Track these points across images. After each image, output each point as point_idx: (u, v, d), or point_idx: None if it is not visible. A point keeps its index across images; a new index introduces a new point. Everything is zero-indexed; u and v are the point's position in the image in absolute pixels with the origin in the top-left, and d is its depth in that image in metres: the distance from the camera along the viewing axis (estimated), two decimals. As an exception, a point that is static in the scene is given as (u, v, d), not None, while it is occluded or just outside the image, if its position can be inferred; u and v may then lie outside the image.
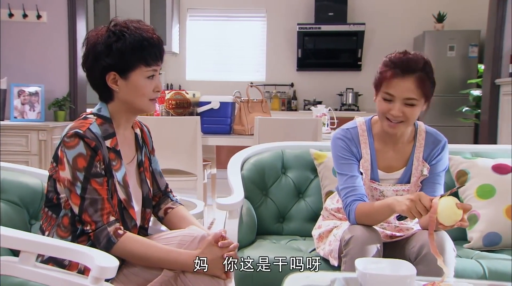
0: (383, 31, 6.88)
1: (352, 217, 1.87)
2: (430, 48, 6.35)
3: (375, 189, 1.96)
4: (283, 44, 7.02)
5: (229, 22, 7.18)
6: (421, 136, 1.99)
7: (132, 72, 1.58)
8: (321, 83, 7.03)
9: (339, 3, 6.75)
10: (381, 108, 1.88)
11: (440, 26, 6.47)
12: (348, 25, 6.69)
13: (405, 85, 1.80)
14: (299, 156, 2.58)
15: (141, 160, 1.73)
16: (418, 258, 1.77)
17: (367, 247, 1.77)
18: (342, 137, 1.99)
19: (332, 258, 1.93)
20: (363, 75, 6.97)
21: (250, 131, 3.87)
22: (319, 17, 6.77)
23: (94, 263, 1.30)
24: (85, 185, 1.50)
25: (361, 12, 6.88)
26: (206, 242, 1.53)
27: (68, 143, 1.51)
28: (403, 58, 1.82)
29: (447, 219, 1.57)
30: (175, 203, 1.82)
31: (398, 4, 6.84)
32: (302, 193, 2.54)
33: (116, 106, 1.63)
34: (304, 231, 2.48)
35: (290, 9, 6.97)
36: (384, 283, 1.52)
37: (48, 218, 1.59)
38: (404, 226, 1.99)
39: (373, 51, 6.94)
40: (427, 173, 1.94)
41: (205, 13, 7.21)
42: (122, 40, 1.55)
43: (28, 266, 1.35)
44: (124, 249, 1.49)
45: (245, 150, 2.63)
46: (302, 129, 3.59)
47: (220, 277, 1.54)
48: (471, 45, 6.35)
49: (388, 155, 1.98)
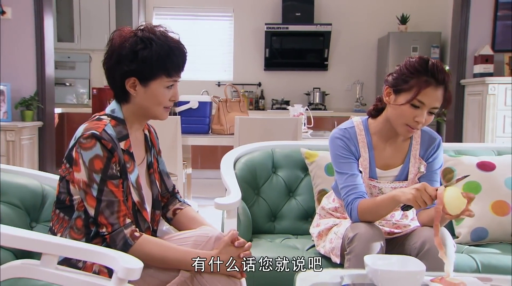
0: (349, 31, 7.01)
1: (355, 214, 1.91)
2: (394, 48, 6.51)
3: (373, 187, 2.01)
4: (251, 43, 7.05)
5: (196, 21, 7.15)
6: (417, 134, 2.05)
7: (153, 81, 1.57)
8: (288, 83, 7.10)
9: (306, 4, 6.83)
10: (404, 114, 1.87)
11: (403, 27, 6.65)
12: (315, 26, 6.78)
13: (436, 95, 1.84)
14: (289, 155, 2.61)
15: (150, 162, 1.72)
16: (420, 253, 1.82)
17: (371, 244, 1.81)
18: (341, 137, 2.03)
19: (334, 255, 1.97)
20: (329, 74, 7.09)
21: (229, 130, 3.88)
22: (286, 17, 6.83)
23: (119, 264, 1.29)
24: (102, 187, 1.48)
25: (327, 12, 6.99)
26: (223, 242, 1.54)
27: (84, 144, 1.49)
28: (437, 68, 1.83)
29: (454, 209, 1.62)
30: (183, 204, 1.82)
31: (363, 6, 6.98)
32: (293, 192, 2.58)
33: (131, 109, 1.63)
34: (295, 230, 2.52)
35: (258, 9, 7.00)
36: (395, 279, 1.56)
37: (59, 220, 1.57)
38: (402, 223, 2.05)
39: (339, 51, 7.06)
40: (424, 170, 2.00)
41: (171, 12, 7.16)
42: (149, 49, 1.54)
43: (50, 269, 1.33)
44: (141, 251, 1.48)
45: (236, 149, 2.64)
46: (282, 129, 3.63)
47: (236, 277, 1.55)
48: (433, 46, 6.54)
49: (386, 153, 2.03)
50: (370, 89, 7.07)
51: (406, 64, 1.89)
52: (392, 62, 6.50)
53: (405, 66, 1.89)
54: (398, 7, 6.80)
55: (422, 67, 1.85)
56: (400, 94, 1.89)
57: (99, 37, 6.95)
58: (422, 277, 1.57)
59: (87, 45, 7.01)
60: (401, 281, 1.57)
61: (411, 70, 1.86)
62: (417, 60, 1.87)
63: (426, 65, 1.84)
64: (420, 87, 1.83)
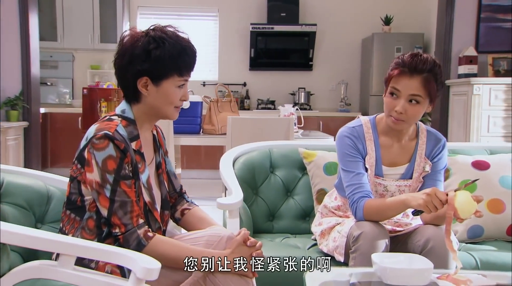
0: (334, 32, 7.06)
1: (360, 213, 1.93)
2: (379, 49, 6.58)
3: (379, 184, 2.04)
4: (236, 43, 7.05)
5: (181, 20, 7.12)
6: (423, 134, 2.09)
7: (165, 80, 1.58)
8: (273, 83, 7.12)
9: (291, 4, 6.86)
10: (386, 104, 1.97)
11: (387, 28, 6.73)
12: (300, 26, 6.81)
13: (411, 83, 1.90)
14: (286, 155, 2.63)
15: (159, 162, 1.73)
16: (424, 251, 1.85)
17: (376, 242, 1.84)
18: (349, 135, 2.06)
19: (337, 254, 1.99)
20: (314, 75, 7.14)
21: (221, 130, 3.88)
22: (271, 17, 6.85)
23: (138, 265, 1.29)
24: (115, 187, 1.48)
25: (312, 13, 7.03)
26: (236, 242, 1.55)
27: (97, 144, 1.49)
28: (413, 60, 1.91)
29: (466, 213, 1.65)
30: (191, 204, 1.83)
31: (347, 6, 7.04)
32: (291, 192, 2.59)
33: (141, 109, 1.63)
34: (294, 229, 2.54)
35: (243, 9, 7.01)
36: (404, 277, 1.59)
37: (70, 220, 1.56)
38: (403, 221, 2.08)
39: (323, 51, 7.11)
40: (429, 169, 2.04)
41: (156, 11, 7.12)
42: (161, 48, 1.55)
43: (68, 269, 1.33)
44: (155, 251, 1.48)
45: (233, 149, 2.65)
46: (274, 129, 3.65)
47: (248, 276, 1.56)
48: (416, 47, 6.62)
49: (393, 151, 2.07)
50: (355, 89, 7.14)
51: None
52: (376, 62, 6.58)
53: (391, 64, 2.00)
54: (382, 8, 6.88)
55: (401, 59, 1.95)
56: (386, 88, 2.00)
57: (83, 36, 6.88)
58: (430, 275, 1.60)
59: (70, 44, 6.93)
60: (409, 279, 1.59)
61: (392, 64, 1.98)
62: (400, 56, 1.97)
63: (404, 57, 1.94)
64: (393, 76, 1.94)
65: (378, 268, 1.63)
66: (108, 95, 3.67)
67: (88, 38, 6.91)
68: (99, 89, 3.99)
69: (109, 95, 3.67)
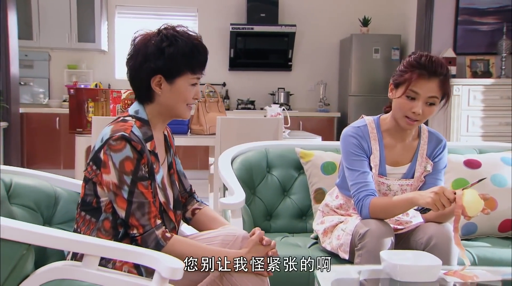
0: (312, 33, 7.13)
1: (366, 211, 1.97)
2: (357, 50, 6.67)
3: (382, 183, 2.08)
4: (215, 43, 7.04)
5: (160, 20, 7.02)
6: (425, 134, 2.15)
7: (178, 78, 1.59)
8: (253, 83, 7.15)
9: (271, 5, 6.89)
10: (402, 106, 1.99)
11: (365, 29, 6.83)
12: (279, 26, 6.85)
13: (430, 86, 1.95)
14: (283, 155, 2.65)
15: (170, 162, 1.73)
16: (427, 248, 1.90)
17: (382, 240, 1.88)
18: (354, 135, 2.09)
19: (342, 252, 2.02)
20: (293, 75, 7.19)
21: (209, 130, 3.89)
22: (251, 17, 6.87)
23: (164, 265, 1.30)
24: (133, 188, 1.48)
25: (291, 14, 7.08)
26: (252, 242, 1.57)
27: (114, 146, 1.48)
28: (431, 62, 1.95)
29: (473, 211, 1.71)
30: (201, 204, 1.84)
31: (326, 8, 7.12)
32: (287, 191, 2.62)
33: (155, 109, 1.63)
34: (291, 228, 2.57)
35: (222, 9, 7.01)
36: (414, 273, 1.64)
37: (86, 222, 1.55)
38: (403, 219, 2.13)
39: (302, 52, 7.17)
40: (430, 169, 2.09)
41: (134, 11, 7.07)
42: (174, 46, 1.56)
43: (92, 270, 1.33)
44: (173, 251, 1.49)
45: (231, 149, 2.66)
46: (263, 129, 3.67)
47: (263, 275, 1.58)
48: (393, 48, 6.75)
49: (396, 150, 2.11)
50: (333, 90, 7.22)
51: (405, 60, 2.04)
52: (355, 63, 6.67)
53: (404, 62, 2.03)
54: (360, 10, 6.97)
55: (416, 61, 1.98)
56: (398, 88, 2.02)
57: (60, 35, 6.76)
58: (438, 271, 1.65)
59: (47, 43, 6.79)
60: (419, 275, 1.64)
61: (406, 65, 2.00)
62: (413, 57, 2.01)
63: (420, 59, 1.98)
64: (412, 78, 1.96)
65: (388, 265, 1.67)
66: (95, 95, 3.63)
67: (65, 37, 6.79)
68: (86, 89, 3.94)
69: (96, 96, 3.63)
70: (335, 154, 2.56)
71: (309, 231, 2.53)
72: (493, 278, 1.76)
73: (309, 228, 2.55)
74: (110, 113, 3.65)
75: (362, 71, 6.71)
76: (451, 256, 1.89)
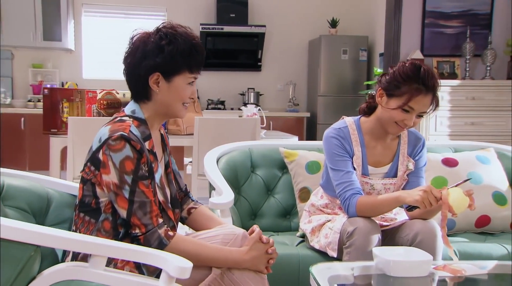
0: (282, 33, 7.20)
1: (353, 210, 2.02)
2: (326, 50, 6.78)
3: (366, 183, 2.13)
4: (185, 43, 7.01)
5: (128, 19, 7.00)
6: (404, 133, 2.20)
7: (176, 76, 1.59)
8: (223, 83, 7.15)
9: (240, 5, 6.92)
10: (394, 116, 2.01)
11: (334, 31, 6.93)
12: (249, 27, 6.89)
13: (425, 101, 1.98)
14: (266, 154, 2.68)
15: (167, 161, 1.73)
16: (413, 244, 1.96)
17: (370, 237, 1.93)
18: (336, 136, 2.13)
19: (330, 250, 2.06)
20: (263, 75, 7.24)
21: (186, 131, 3.88)
22: (221, 18, 6.88)
23: (172, 264, 1.31)
24: (134, 188, 1.48)
25: (261, 14, 7.13)
26: (252, 239, 1.59)
27: (113, 146, 1.48)
28: (428, 75, 1.96)
29: (460, 208, 1.79)
30: (196, 203, 1.84)
31: (295, 9, 7.19)
32: (271, 190, 2.65)
33: (151, 108, 1.63)
34: (276, 227, 2.60)
35: (191, 9, 6.99)
36: (406, 269, 1.70)
37: (85, 223, 1.54)
38: (388, 216, 2.19)
39: (272, 52, 7.22)
40: (412, 167, 2.16)
41: (101, 9, 6.96)
42: (174, 43, 1.57)
43: (99, 270, 1.33)
44: (176, 249, 1.49)
45: (215, 149, 2.67)
46: (241, 129, 3.69)
47: (263, 272, 1.61)
48: (361, 49, 6.88)
49: (377, 151, 2.16)
50: (302, 90, 7.31)
51: (399, 70, 2.02)
52: (324, 63, 6.77)
53: (398, 71, 2.02)
54: (329, 11, 7.08)
55: (414, 74, 1.98)
56: (392, 98, 2.03)
57: (24, 34, 6.58)
58: (429, 266, 1.72)
59: (10, 41, 6.60)
60: (411, 270, 1.70)
61: (403, 77, 1.99)
62: (409, 67, 2.00)
63: (418, 72, 1.98)
64: (411, 94, 1.97)
65: (380, 261, 1.72)
66: (70, 95, 3.57)
67: (29, 35, 6.62)
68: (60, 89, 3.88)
69: (71, 96, 3.57)
70: (318, 154, 2.61)
71: (293, 230, 2.57)
72: (479, 271, 1.83)
73: (293, 226, 2.59)
74: (85, 113, 3.60)
75: (330, 71, 6.82)
76: (436, 252, 1.96)
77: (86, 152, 1.57)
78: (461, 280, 1.76)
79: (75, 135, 3.37)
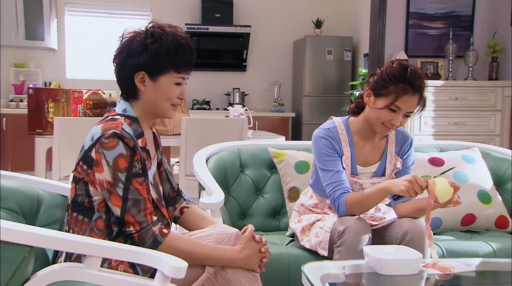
0: (267, 33, 7.21)
1: (343, 209, 2.04)
2: (311, 51, 6.81)
3: (355, 182, 2.15)
4: (170, 43, 6.99)
5: (112, 19, 6.95)
6: (392, 133, 2.23)
7: (161, 75, 1.59)
8: (208, 83, 7.15)
9: (226, 5, 6.92)
10: (381, 116, 2.04)
11: (319, 31, 6.97)
12: (234, 27, 6.89)
13: (412, 101, 2.01)
14: (255, 154, 2.69)
15: (160, 159, 1.74)
16: (402, 243, 1.98)
17: (361, 236, 1.95)
18: (325, 136, 2.15)
19: (321, 249, 2.08)
20: (248, 75, 7.25)
21: (173, 131, 3.87)
22: (206, 18, 6.87)
23: (168, 264, 1.31)
24: (127, 185, 1.48)
25: (246, 14, 7.14)
26: (245, 238, 1.60)
27: (107, 144, 1.48)
28: (415, 75, 1.98)
29: (445, 196, 1.82)
30: (189, 202, 1.85)
31: (280, 9, 7.22)
32: (260, 190, 2.66)
33: (140, 107, 1.64)
34: (265, 226, 2.61)
35: (176, 8, 6.97)
36: (397, 267, 1.72)
37: (78, 222, 1.54)
38: (377, 216, 2.22)
39: (257, 52, 7.24)
40: (400, 166, 2.18)
41: (85, 9, 6.91)
42: (158, 43, 1.57)
43: (94, 271, 1.32)
44: (171, 247, 1.50)
45: (204, 149, 2.67)
46: (228, 129, 3.70)
47: (255, 271, 1.62)
48: (345, 50, 6.93)
49: (365, 151, 2.19)
50: (287, 90, 7.33)
51: (387, 70, 2.04)
52: (308, 63, 6.80)
53: (386, 71, 2.04)
54: (313, 11, 7.11)
55: (401, 74, 2.00)
56: (379, 98, 2.05)
57: (6, 33, 6.48)
58: (420, 264, 1.74)
59: (-9, 41, 6.52)
60: (401, 268, 1.72)
61: (390, 77, 2.01)
62: (397, 67, 2.03)
63: (405, 72, 2.00)
64: (398, 94, 1.99)
65: (371, 259, 1.74)
66: (56, 95, 3.54)
67: (11, 34, 6.52)
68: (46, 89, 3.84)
69: (57, 96, 3.54)
70: (307, 154, 2.62)
71: (282, 229, 2.59)
72: (467, 269, 1.86)
73: (282, 226, 2.60)
74: (71, 113, 3.58)
75: (315, 71, 6.85)
76: (425, 250, 1.98)
77: (73, 153, 1.57)
78: (450, 278, 1.79)
79: (61, 136, 3.35)
